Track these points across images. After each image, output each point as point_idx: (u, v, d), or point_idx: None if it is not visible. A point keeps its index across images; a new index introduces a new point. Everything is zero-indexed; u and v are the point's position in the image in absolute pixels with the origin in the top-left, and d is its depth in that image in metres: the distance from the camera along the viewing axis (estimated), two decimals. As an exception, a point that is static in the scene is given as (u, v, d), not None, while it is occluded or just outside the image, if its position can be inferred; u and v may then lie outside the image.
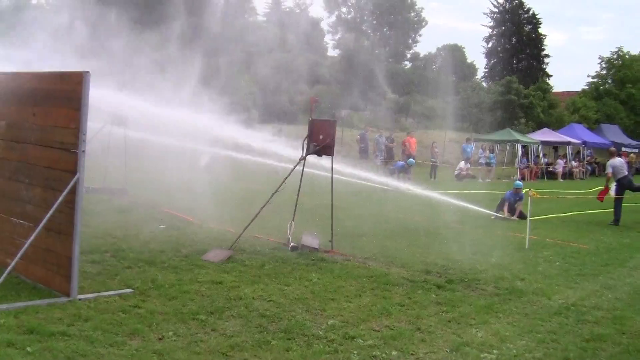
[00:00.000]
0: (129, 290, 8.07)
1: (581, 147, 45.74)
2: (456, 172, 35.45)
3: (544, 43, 79.33)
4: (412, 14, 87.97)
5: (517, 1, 78.92)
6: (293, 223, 11.72)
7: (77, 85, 7.36)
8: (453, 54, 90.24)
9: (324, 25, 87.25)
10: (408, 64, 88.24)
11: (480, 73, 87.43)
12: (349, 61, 60.75)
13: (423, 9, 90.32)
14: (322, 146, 11.65)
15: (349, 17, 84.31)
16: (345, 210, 15.53)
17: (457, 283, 9.82)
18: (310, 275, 9.66)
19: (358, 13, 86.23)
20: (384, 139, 33.60)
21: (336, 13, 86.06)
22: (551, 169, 41.99)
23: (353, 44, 60.20)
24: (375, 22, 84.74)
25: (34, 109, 8.04)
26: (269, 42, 52.04)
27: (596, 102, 64.27)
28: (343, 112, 56.17)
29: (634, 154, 51.43)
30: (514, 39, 78.92)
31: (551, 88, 66.18)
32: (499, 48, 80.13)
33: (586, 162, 45.25)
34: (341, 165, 14.09)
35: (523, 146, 40.90)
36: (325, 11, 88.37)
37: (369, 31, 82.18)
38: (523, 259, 12.22)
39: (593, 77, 72.22)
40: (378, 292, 8.96)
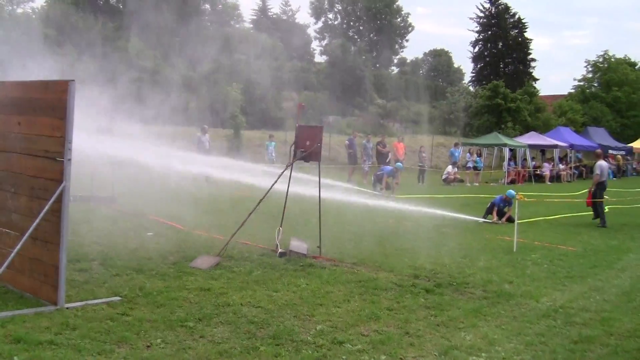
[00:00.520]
0: (117, 298, 8.04)
1: (568, 150, 45.93)
2: (444, 176, 35.54)
3: (530, 47, 79.90)
4: (399, 20, 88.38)
5: (503, 6, 79.40)
6: (281, 229, 11.71)
7: (62, 94, 7.34)
8: (440, 59, 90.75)
9: (311, 31, 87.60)
10: (395, 70, 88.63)
11: (467, 77, 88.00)
12: (336, 67, 60.80)
13: (409, 15, 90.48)
14: (309, 152, 11.66)
15: (336, 23, 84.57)
16: (333, 216, 15.52)
17: (446, 287, 9.84)
18: (298, 280, 9.65)
19: (345, 19, 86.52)
20: (371, 145, 33.60)
21: (323, 19, 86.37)
22: (539, 172, 42.12)
23: (340, 50, 60.23)
24: (362, 28, 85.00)
25: (19, 118, 8.01)
26: (256, 49, 52.05)
27: (582, 105, 64.67)
28: (330, 118, 56.24)
29: (621, 156, 51.75)
30: (500, 44, 79.33)
31: (538, 92, 66.49)
32: (486, 52, 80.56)
33: (573, 165, 45.42)
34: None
35: (510, 150, 41.02)
36: (312, 17, 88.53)
37: (356, 37, 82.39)
38: (511, 262, 12.26)
39: (579, 81, 72.87)
40: (366, 297, 8.97)
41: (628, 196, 28.19)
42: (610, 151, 49.40)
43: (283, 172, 11.75)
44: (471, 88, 76.13)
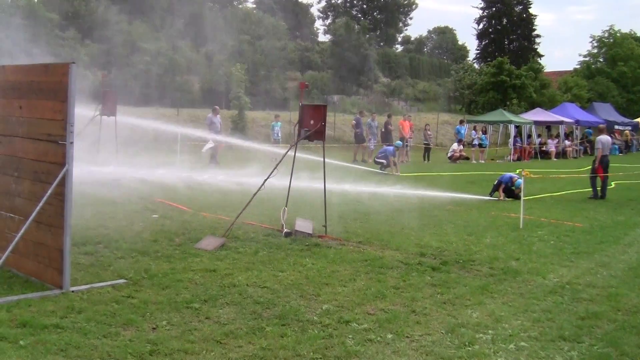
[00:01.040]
0: (122, 280, 8.02)
1: (574, 126, 45.73)
2: (449, 154, 35.46)
3: (535, 23, 79.22)
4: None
5: (507, -18, 78.71)
6: (286, 209, 11.67)
7: (63, 76, 7.28)
8: (444, 37, 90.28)
9: (314, 10, 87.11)
10: (399, 48, 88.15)
11: (471, 55, 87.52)
12: (340, 46, 60.51)
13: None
14: (313, 131, 11.60)
15: (339, 2, 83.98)
16: (338, 195, 15.47)
17: (452, 265, 9.80)
18: (304, 260, 9.62)
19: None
20: (376, 123, 33.46)
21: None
22: (544, 149, 41.98)
23: (344, 29, 59.91)
24: (365, 6, 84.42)
25: (20, 102, 7.95)
26: (260, 30, 51.88)
27: (588, 81, 64.30)
28: (335, 97, 56.07)
29: (629, 132, 51.50)
30: (505, 20, 78.72)
31: (543, 68, 66.15)
32: (490, 29, 79.94)
33: (579, 141, 45.25)
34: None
35: (516, 126, 40.88)
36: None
37: (360, 15, 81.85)
38: (517, 239, 12.21)
39: (585, 56, 72.35)
40: (372, 276, 8.93)
41: (634, 171, 28.09)
42: (616, 127, 49.15)
43: (287, 152, 11.71)
44: (476, 65, 75.70)
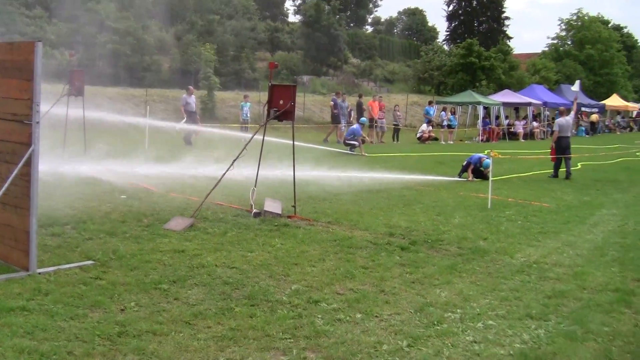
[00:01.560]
0: (90, 262, 7.92)
1: (542, 108, 46.07)
2: (418, 135, 35.60)
3: (504, 5, 79.70)
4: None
5: (477, -37, 78.84)
6: (255, 189, 11.62)
7: (29, 55, 7.14)
8: (414, 18, 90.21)
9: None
10: (369, 29, 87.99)
11: (441, 36, 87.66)
12: (310, 27, 60.23)
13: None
14: (283, 111, 11.53)
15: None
16: (308, 176, 15.45)
17: (421, 244, 9.84)
18: (273, 241, 9.59)
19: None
20: (347, 104, 33.46)
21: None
22: (512, 130, 42.30)
23: (314, 9, 59.59)
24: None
25: (-15, 80, 7.79)
26: (229, 9, 51.41)
27: (556, 64, 64.88)
28: (305, 78, 55.91)
29: (596, 115, 52.02)
30: (475, 2, 79.01)
31: (512, 50, 66.64)
32: (460, 11, 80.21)
33: (546, 123, 45.62)
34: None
35: (484, 108, 41.09)
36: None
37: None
38: (485, 219, 12.29)
39: (553, 39, 73.00)
40: (342, 256, 8.93)
41: (600, 152, 28.43)
42: (583, 109, 49.59)
43: (256, 133, 11.66)
44: (445, 47, 75.96)
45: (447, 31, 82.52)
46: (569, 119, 20.62)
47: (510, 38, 78.63)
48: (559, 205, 14.55)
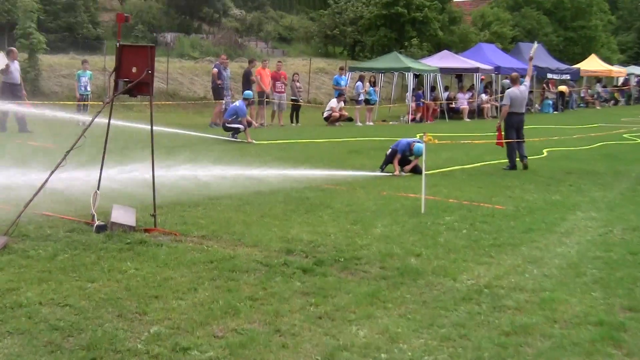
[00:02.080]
0: None
1: (493, 75, 46.88)
2: (325, 114, 35.61)
3: None
4: None
5: None
6: (99, 193, 11.44)
7: None
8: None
9: None
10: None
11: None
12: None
13: None
14: (136, 82, 11.35)
15: None
16: (175, 174, 15.33)
17: (330, 265, 9.87)
18: (124, 265, 9.45)
19: None
20: (228, 72, 33.31)
21: None
22: (454, 106, 42.93)
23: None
24: None
25: None
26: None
27: (513, 14, 66.11)
28: (168, 36, 55.47)
29: (567, 87, 52.86)
30: None
31: (452, -4, 67.64)
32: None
33: (499, 96, 46.63)
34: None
35: (416, 75, 41.53)
36: None
37: None
38: (418, 228, 12.43)
39: (508, -20, 74.36)
40: (221, 283, 8.88)
41: (574, 134, 29.20)
42: (550, 75, 50.53)
43: (98, 114, 11.46)
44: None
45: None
46: (524, 89, 20.96)
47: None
48: (518, 207, 14.81)
